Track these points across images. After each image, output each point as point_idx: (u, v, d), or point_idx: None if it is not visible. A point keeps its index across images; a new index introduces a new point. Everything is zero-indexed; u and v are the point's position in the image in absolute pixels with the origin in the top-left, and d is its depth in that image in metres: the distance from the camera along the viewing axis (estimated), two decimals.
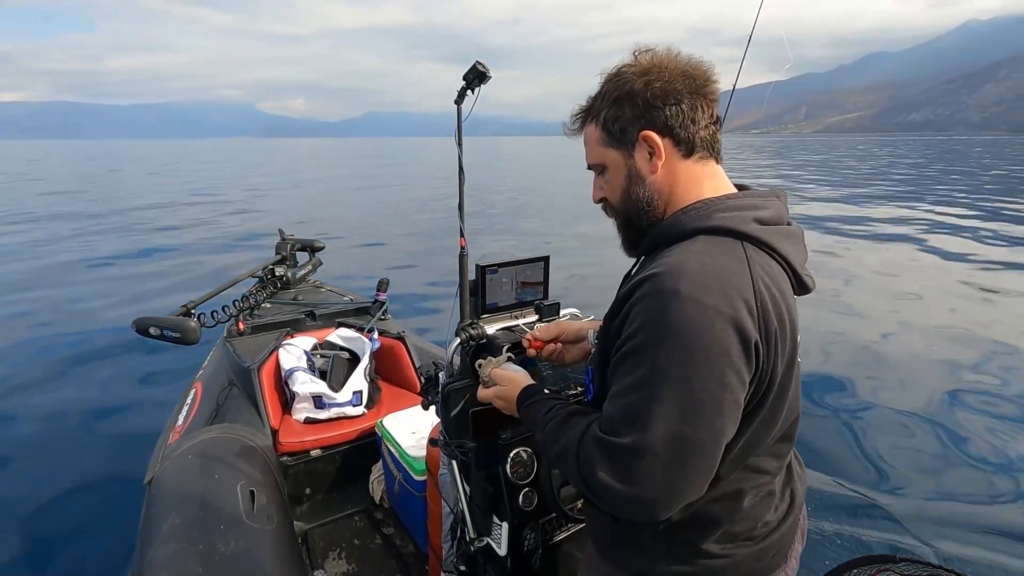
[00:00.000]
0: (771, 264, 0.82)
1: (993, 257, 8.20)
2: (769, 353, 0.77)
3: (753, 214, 0.83)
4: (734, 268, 0.77)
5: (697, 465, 0.74)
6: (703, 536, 0.86)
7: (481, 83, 1.95)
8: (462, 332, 1.23)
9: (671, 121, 0.85)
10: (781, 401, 0.83)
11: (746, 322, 0.73)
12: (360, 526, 2.16)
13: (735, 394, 0.74)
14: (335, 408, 2.36)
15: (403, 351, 2.71)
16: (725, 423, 0.75)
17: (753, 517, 0.88)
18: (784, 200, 0.91)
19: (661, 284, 0.75)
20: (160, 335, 2.18)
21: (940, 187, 19.14)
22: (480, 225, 10.94)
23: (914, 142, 78.63)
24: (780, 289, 0.80)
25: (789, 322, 0.81)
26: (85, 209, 13.62)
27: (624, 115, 0.87)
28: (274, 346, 2.53)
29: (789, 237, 0.86)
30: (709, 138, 0.87)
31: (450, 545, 1.45)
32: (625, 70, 0.87)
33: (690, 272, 0.74)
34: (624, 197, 0.91)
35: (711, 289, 0.73)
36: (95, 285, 6.80)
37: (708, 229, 0.82)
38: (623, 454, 0.74)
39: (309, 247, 3.66)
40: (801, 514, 1.00)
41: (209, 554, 1.45)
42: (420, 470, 1.82)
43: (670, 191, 0.88)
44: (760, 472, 0.88)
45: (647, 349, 0.74)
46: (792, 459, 0.99)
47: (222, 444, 1.95)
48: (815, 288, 0.90)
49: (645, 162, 0.87)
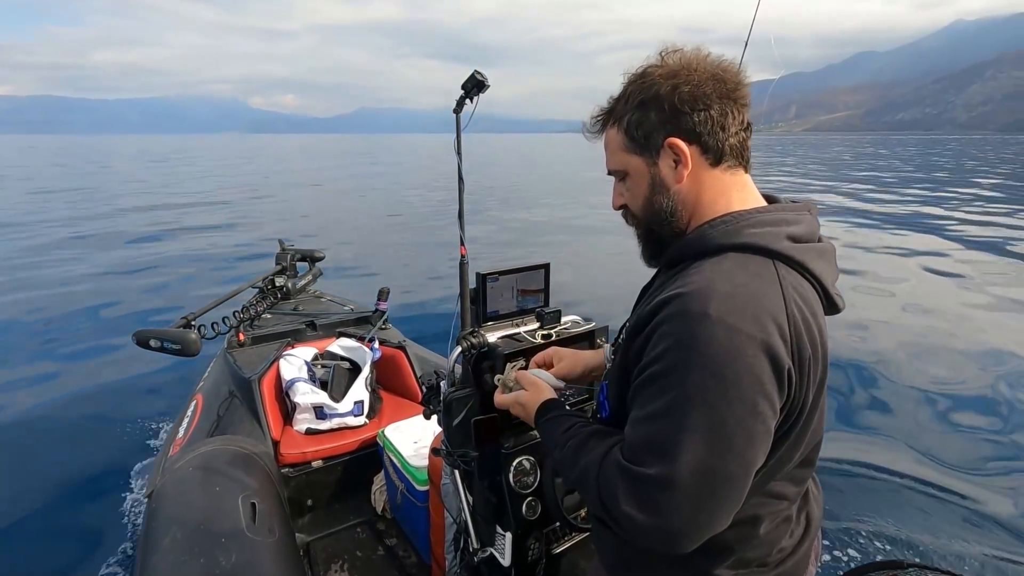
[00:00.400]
0: (803, 284, 0.78)
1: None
2: (802, 379, 0.73)
3: (786, 230, 0.78)
4: (767, 290, 0.73)
5: (726, 499, 0.71)
6: (716, 562, 0.83)
7: (480, 92, 1.96)
8: (463, 341, 1.23)
9: (699, 128, 0.80)
10: (808, 427, 0.80)
11: (779, 348, 0.69)
12: (362, 537, 2.15)
13: (767, 424, 0.70)
14: (336, 418, 2.34)
15: (404, 360, 2.70)
16: (756, 454, 0.71)
17: (769, 543, 0.85)
18: (815, 214, 0.86)
19: (689, 305, 0.70)
20: (160, 347, 2.17)
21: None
22: (478, 233, 10.96)
23: (914, 141, 78.99)
24: (813, 311, 0.76)
25: (821, 345, 0.77)
26: (73, 213, 13.52)
27: (649, 120, 0.82)
28: (275, 357, 2.53)
29: (822, 255, 0.82)
30: (739, 146, 0.82)
31: (453, 556, 1.44)
32: (651, 71, 0.82)
33: (720, 293, 0.70)
34: (646, 206, 0.86)
35: (743, 312, 0.69)
36: (93, 297, 6.80)
37: (738, 246, 0.77)
38: (648, 486, 0.70)
39: (309, 257, 3.65)
40: (816, 537, 0.96)
41: (210, 567, 1.44)
42: (422, 480, 1.81)
43: (696, 202, 0.83)
44: (779, 498, 0.84)
45: (674, 374, 0.70)
46: (810, 482, 0.95)
47: (223, 456, 1.94)
48: (844, 309, 0.86)
49: (670, 170, 0.83)
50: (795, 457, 0.81)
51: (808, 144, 74.80)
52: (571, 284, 6.64)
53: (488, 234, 10.57)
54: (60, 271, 7.99)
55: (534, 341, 1.29)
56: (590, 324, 1.40)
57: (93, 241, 10.14)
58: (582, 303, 5.60)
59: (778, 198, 0.89)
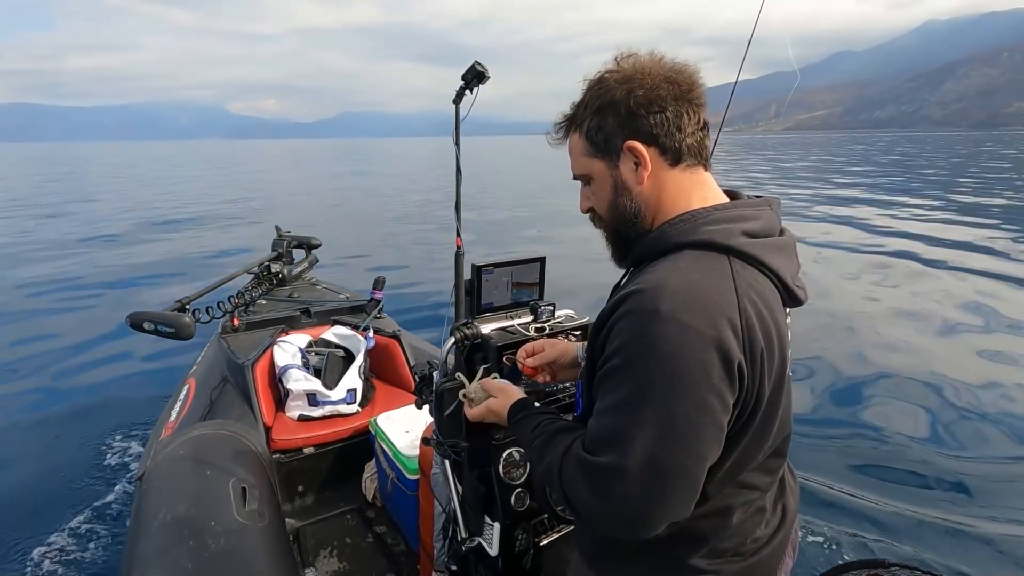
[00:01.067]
0: (759, 279, 0.79)
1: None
2: (755, 373, 0.75)
3: (742, 226, 0.80)
4: (719, 286, 0.74)
5: (676, 488, 0.73)
6: (690, 552, 0.85)
7: (480, 83, 1.94)
8: (457, 332, 1.24)
9: (656, 130, 0.82)
10: (771, 419, 0.81)
11: (729, 343, 0.71)
12: (352, 524, 2.16)
13: (716, 417, 0.72)
14: (329, 406, 2.35)
15: (398, 350, 2.70)
16: (705, 447, 0.73)
17: (742, 533, 0.87)
18: (777, 208, 0.88)
19: (642, 302, 0.73)
20: (154, 330, 2.17)
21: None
22: (473, 238, 10.95)
23: (899, 139, 79.26)
24: (768, 305, 0.78)
25: (778, 339, 0.78)
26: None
27: (607, 124, 0.84)
28: (269, 343, 2.53)
29: (781, 250, 0.84)
30: (696, 145, 0.84)
31: (442, 544, 1.45)
32: (607, 77, 0.84)
33: (672, 290, 0.72)
34: (611, 208, 0.89)
35: (693, 309, 0.71)
36: (87, 280, 6.78)
37: (694, 243, 0.79)
38: (602, 474, 0.74)
39: (305, 244, 3.64)
40: (793, 528, 0.98)
41: (199, 550, 1.45)
42: (413, 469, 1.82)
43: (657, 202, 0.85)
44: (750, 488, 0.86)
45: (627, 369, 0.73)
46: (785, 472, 0.97)
47: (215, 440, 1.95)
48: (807, 301, 0.87)
49: (631, 172, 0.85)
50: (762, 448, 0.83)
51: (789, 144, 74.33)
52: (566, 278, 6.65)
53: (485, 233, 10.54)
54: (49, 261, 7.96)
55: (527, 334, 1.30)
56: (584, 319, 1.41)
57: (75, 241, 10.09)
58: (576, 297, 5.62)
59: (740, 194, 0.91)
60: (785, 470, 0.97)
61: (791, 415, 0.90)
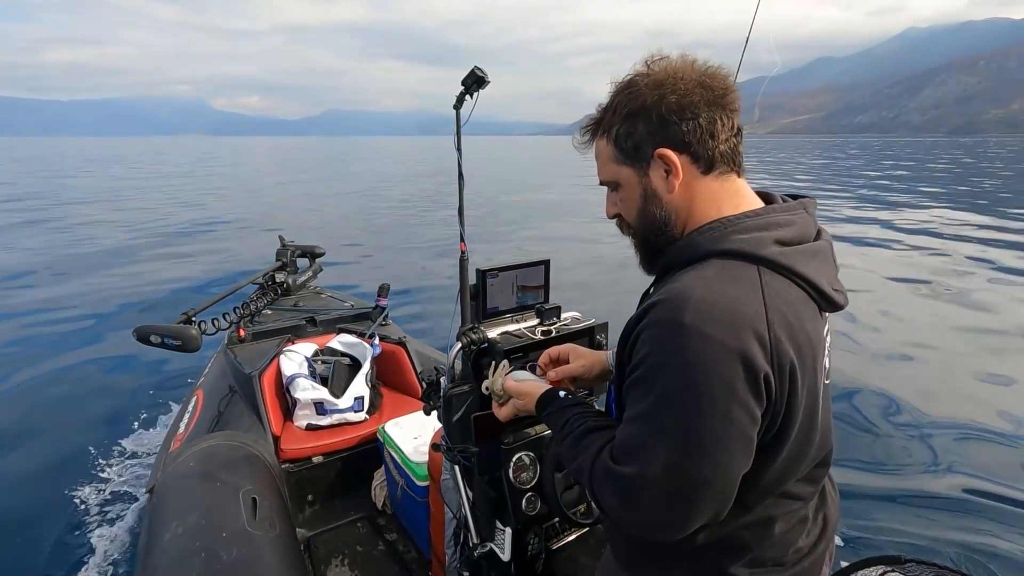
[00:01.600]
0: (790, 289, 0.77)
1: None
2: (783, 384, 0.74)
3: (773, 235, 0.78)
4: (746, 296, 0.73)
5: (700, 499, 0.73)
6: (731, 561, 0.84)
7: (480, 88, 1.95)
8: (463, 336, 1.23)
9: (688, 137, 0.80)
10: (810, 429, 0.80)
11: (755, 355, 0.70)
12: (363, 533, 2.15)
13: (742, 429, 0.72)
14: (337, 414, 2.35)
15: (404, 356, 2.70)
16: (730, 458, 0.72)
17: (784, 544, 0.85)
18: (812, 210, 0.86)
19: (668, 312, 0.72)
20: (161, 343, 2.18)
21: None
22: (475, 238, 10.96)
23: (894, 144, 79.23)
24: (799, 315, 0.76)
25: (810, 348, 0.76)
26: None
27: (638, 131, 0.82)
28: (275, 353, 2.53)
29: (815, 256, 0.81)
30: (730, 152, 0.82)
31: (453, 551, 1.45)
32: (638, 81, 0.82)
33: (698, 301, 0.71)
34: (640, 216, 0.87)
35: (718, 321, 0.70)
36: (94, 294, 6.81)
37: (723, 252, 0.77)
38: (627, 484, 0.75)
39: (309, 253, 3.65)
40: (832, 538, 0.97)
41: (212, 562, 1.45)
42: (423, 475, 1.81)
43: (688, 210, 0.83)
44: (793, 498, 0.85)
45: (652, 380, 0.73)
46: (826, 482, 0.96)
47: (224, 451, 1.95)
48: (847, 304, 0.85)
49: (661, 180, 0.83)
50: (805, 459, 0.82)
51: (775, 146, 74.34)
52: (571, 281, 6.64)
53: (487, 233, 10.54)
54: (55, 266, 8.01)
55: (534, 337, 1.30)
56: (590, 321, 1.41)
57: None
58: (582, 300, 5.61)
59: (775, 197, 0.88)
60: (826, 480, 0.96)
61: (831, 425, 0.89)
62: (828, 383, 0.85)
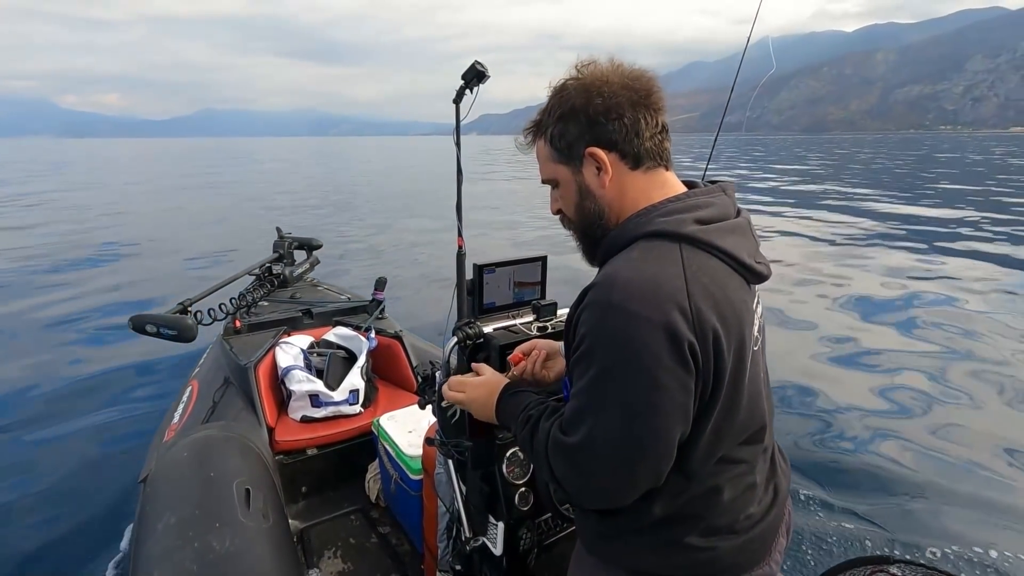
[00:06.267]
0: (711, 262, 0.83)
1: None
2: (707, 351, 0.78)
3: (693, 215, 0.84)
4: (666, 272, 0.79)
5: (642, 461, 0.80)
6: (685, 530, 0.88)
7: (480, 82, 1.95)
8: (459, 331, 1.24)
9: (615, 136, 0.86)
10: (737, 392, 0.85)
11: (677, 326, 0.75)
12: (356, 525, 2.16)
13: (673, 395, 0.77)
14: (332, 407, 2.35)
15: (400, 350, 2.71)
16: (665, 423, 0.78)
17: (734, 510, 0.90)
18: (731, 192, 0.93)
19: (598, 295, 0.80)
20: (157, 332, 2.17)
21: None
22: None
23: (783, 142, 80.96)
24: (722, 286, 0.82)
25: (734, 316, 0.82)
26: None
27: (569, 132, 0.88)
28: (271, 344, 2.53)
29: (734, 231, 0.87)
30: (655, 148, 0.88)
31: (446, 544, 1.45)
32: (569, 85, 0.88)
33: (623, 281, 0.78)
34: (578, 211, 0.94)
35: (642, 297, 0.76)
36: (89, 284, 6.79)
37: (647, 234, 0.84)
38: (573, 452, 0.82)
39: (307, 245, 3.65)
40: (786, 508, 1.02)
41: (204, 552, 1.45)
42: (416, 469, 1.82)
43: (620, 203, 0.89)
44: (736, 462, 0.90)
45: (589, 357, 0.80)
46: (776, 453, 1.03)
47: (218, 442, 1.95)
48: (771, 274, 0.92)
49: (594, 177, 0.89)
50: (736, 420, 0.86)
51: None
52: (567, 277, 6.64)
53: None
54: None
55: (530, 333, 1.30)
56: None
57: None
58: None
59: (697, 183, 0.95)
60: (776, 451, 1.03)
61: (769, 392, 0.97)
62: (757, 350, 0.91)
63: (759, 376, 0.92)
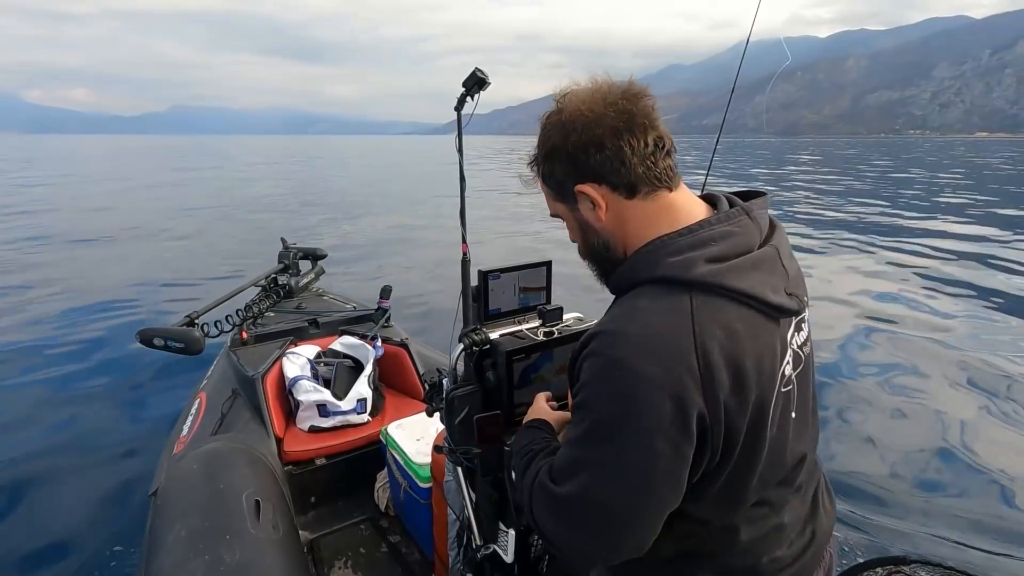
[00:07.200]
0: (726, 309, 0.75)
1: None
2: (718, 415, 0.73)
3: (704, 252, 0.76)
4: (676, 328, 0.72)
5: (623, 527, 0.75)
6: (700, 569, 0.85)
7: (481, 89, 1.96)
8: (466, 338, 1.23)
9: (600, 169, 0.80)
10: (756, 447, 0.79)
11: (685, 391, 0.70)
12: (366, 534, 2.15)
13: (667, 464, 0.72)
14: (339, 416, 2.35)
15: (406, 358, 2.71)
16: (654, 492, 0.74)
17: (756, 552, 0.84)
18: (757, 212, 0.82)
19: (603, 346, 0.75)
20: (164, 346, 2.18)
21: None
22: None
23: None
24: (737, 334, 0.74)
25: (756, 367, 0.75)
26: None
27: (556, 171, 0.84)
28: (278, 355, 2.53)
29: (755, 267, 0.78)
30: (648, 172, 0.80)
31: (456, 552, 1.45)
32: (549, 122, 0.84)
33: (629, 335, 0.73)
34: (584, 245, 0.90)
35: (649, 356, 0.71)
36: (96, 297, 6.83)
37: (654, 279, 0.77)
38: (557, 502, 0.78)
39: (312, 255, 3.66)
40: (826, 551, 0.94)
41: (215, 564, 1.45)
42: (425, 477, 1.81)
43: (623, 234, 0.84)
44: (759, 506, 0.84)
45: (587, 408, 0.76)
46: (821, 492, 0.96)
47: (227, 454, 1.95)
48: (804, 308, 0.84)
49: (590, 212, 0.84)
50: (752, 476, 0.80)
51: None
52: (574, 282, 6.64)
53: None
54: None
55: (536, 339, 1.30)
56: (593, 322, 1.40)
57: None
58: (585, 301, 5.60)
59: (719, 199, 0.85)
60: (820, 490, 0.95)
61: (813, 419, 0.90)
62: (790, 390, 0.83)
63: (789, 418, 0.84)
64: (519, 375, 1.24)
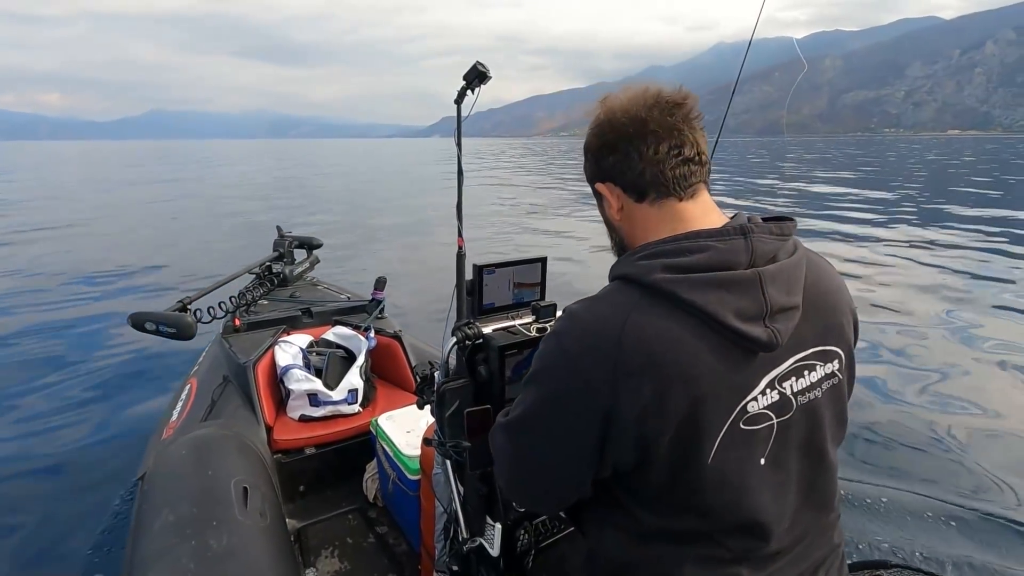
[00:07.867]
0: (674, 316, 0.73)
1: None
2: (630, 405, 0.73)
3: (667, 261, 0.75)
4: (610, 320, 0.75)
5: (530, 475, 0.89)
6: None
7: (481, 83, 1.95)
8: (458, 332, 1.24)
9: (612, 171, 0.87)
10: (686, 463, 0.75)
11: (597, 382, 0.74)
12: (353, 524, 2.16)
13: (574, 437, 0.79)
14: (330, 406, 2.35)
15: (399, 350, 2.71)
16: (557, 453, 0.82)
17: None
18: (756, 238, 0.76)
19: (557, 323, 0.84)
20: (156, 330, 2.18)
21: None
22: None
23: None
24: (676, 344, 0.72)
25: (694, 382, 0.72)
26: None
27: (587, 168, 0.93)
28: (270, 343, 2.53)
29: (721, 286, 0.73)
30: (656, 179, 0.82)
31: (443, 545, 1.45)
32: (592, 120, 0.90)
33: (576, 319, 0.80)
34: (609, 237, 0.98)
35: (578, 336, 0.78)
36: (87, 279, 6.79)
37: (619, 276, 0.82)
38: (495, 446, 0.94)
39: (307, 244, 3.65)
40: None
41: (201, 550, 1.45)
42: (414, 469, 1.82)
43: (632, 235, 0.90)
44: (711, 545, 0.79)
45: (530, 373, 0.85)
46: (830, 573, 0.91)
47: (216, 440, 1.95)
48: (779, 344, 0.75)
49: (609, 208, 0.91)
50: (689, 501, 0.78)
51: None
52: (568, 279, 6.65)
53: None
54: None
55: (529, 335, 1.30)
56: None
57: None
58: (577, 298, 5.61)
59: (740, 216, 0.82)
60: (830, 571, 0.91)
61: (779, 491, 0.80)
62: (756, 430, 0.76)
63: (754, 464, 0.77)
64: (511, 370, 1.24)
